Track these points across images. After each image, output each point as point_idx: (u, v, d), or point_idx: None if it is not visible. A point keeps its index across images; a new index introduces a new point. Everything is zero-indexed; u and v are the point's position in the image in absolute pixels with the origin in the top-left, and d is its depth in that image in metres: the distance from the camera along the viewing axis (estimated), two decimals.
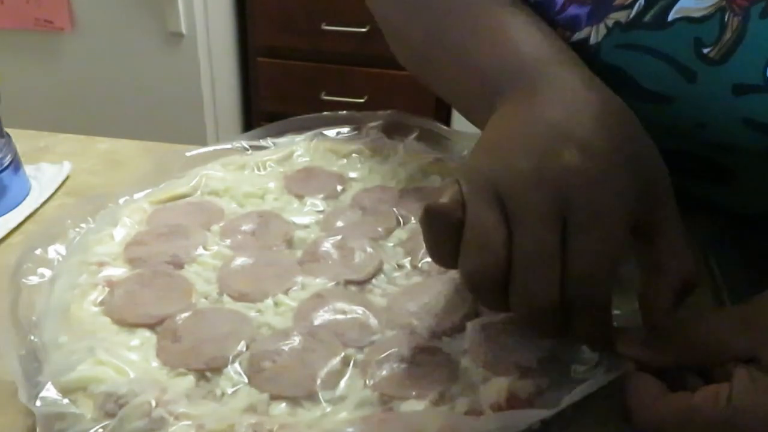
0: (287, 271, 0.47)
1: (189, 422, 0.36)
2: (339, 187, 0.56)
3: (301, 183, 0.56)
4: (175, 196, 0.55)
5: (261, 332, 0.43)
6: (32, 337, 0.42)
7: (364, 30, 1.78)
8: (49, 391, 0.38)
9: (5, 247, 0.52)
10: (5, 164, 0.55)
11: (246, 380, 0.40)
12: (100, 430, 0.36)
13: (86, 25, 1.70)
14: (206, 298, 0.45)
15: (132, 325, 0.43)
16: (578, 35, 0.49)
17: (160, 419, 0.36)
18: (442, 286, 0.46)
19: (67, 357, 0.40)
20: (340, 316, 0.44)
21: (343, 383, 0.39)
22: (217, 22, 1.78)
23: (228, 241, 0.50)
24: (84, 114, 1.78)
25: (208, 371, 0.40)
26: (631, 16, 0.47)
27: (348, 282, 0.47)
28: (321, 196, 0.55)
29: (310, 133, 0.61)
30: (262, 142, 0.61)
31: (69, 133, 0.53)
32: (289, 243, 0.50)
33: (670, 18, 0.46)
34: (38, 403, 0.37)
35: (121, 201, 0.53)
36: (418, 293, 0.46)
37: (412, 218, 0.52)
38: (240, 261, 0.48)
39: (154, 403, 0.37)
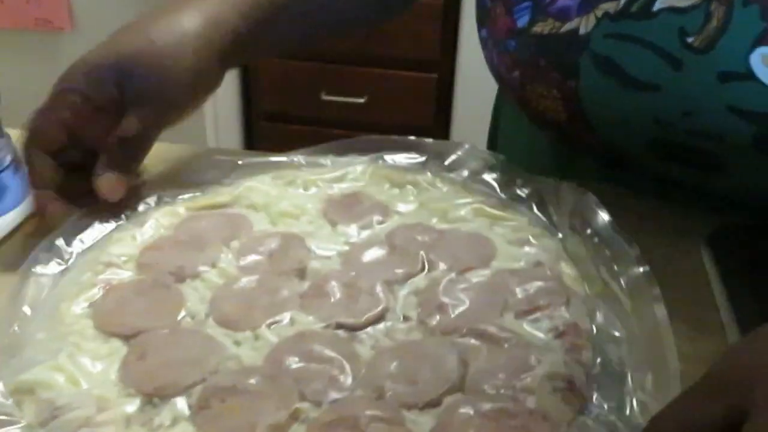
0: (283, 302, 0.44)
1: None
2: (377, 218, 0.52)
3: (340, 209, 0.53)
4: (213, 205, 0.53)
5: (227, 365, 0.40)
6: (15, 328, 0.42)
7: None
8: None
9: (6, 247, 0.52)
10: (5, 164, 0.55)
11: (187, 415, 0.37)
12: None
13: (86, 25, 1.67)
14: (193, 318, 0.43)
15: (109, 334, 0.42)
16: (568, 26, 0.50)
17: None
18: (440, 350, 0.41)
19: (36, 355, 0.40)
20: (313, 364, 0.40)
21: None
22: None
23: (240, 261, 0.48)
24: None
25: (156, 397, 0.38)
26: (620, 6, 0.49)
27: (339, 325, 0.43)
28: (355, 226, 0.51)
29: (371, 156, 0.58)
30: (321, 160, 0.58)
31: None
32: (301, 272, 0.47)
33: (655, 8, 0.48)
34: None
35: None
36: (409, 353, 0.41)
37: (441, 264, 0.47)
38: (241, 283, 0.46)
39: (83, 422, 0.36)
